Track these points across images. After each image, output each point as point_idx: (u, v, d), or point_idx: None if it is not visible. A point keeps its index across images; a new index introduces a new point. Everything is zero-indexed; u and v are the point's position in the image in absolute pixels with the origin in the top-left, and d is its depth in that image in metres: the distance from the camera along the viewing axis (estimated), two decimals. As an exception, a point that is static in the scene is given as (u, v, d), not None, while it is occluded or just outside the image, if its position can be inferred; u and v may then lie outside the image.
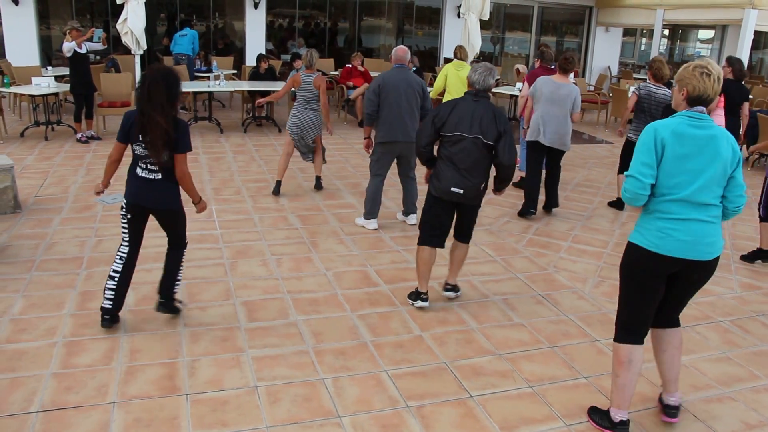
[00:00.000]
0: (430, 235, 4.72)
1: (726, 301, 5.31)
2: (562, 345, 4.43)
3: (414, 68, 11.26)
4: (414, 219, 6.72)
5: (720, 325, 4.86)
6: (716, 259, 3.30)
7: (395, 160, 6.49)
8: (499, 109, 4.62)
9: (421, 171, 5.75)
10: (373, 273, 5.46)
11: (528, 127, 7.30)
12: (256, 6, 15.22)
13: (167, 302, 4.42)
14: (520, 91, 8.48)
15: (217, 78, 11.35)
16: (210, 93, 11.38)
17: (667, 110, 6.26)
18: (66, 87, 10.31)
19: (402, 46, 6.60)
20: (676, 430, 3.55)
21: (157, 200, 4.13)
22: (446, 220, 4.73)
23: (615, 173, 9.27)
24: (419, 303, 4.84)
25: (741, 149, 3.41)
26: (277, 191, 7.56)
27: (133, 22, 10.86)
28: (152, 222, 6.54)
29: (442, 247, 4.80)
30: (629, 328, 3.41)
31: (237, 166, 8.82)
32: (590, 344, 4.45)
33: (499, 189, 4.83)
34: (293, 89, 7.57)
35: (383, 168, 6.46)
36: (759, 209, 6.10)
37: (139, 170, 4.09)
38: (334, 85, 13.04)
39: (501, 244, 6.24)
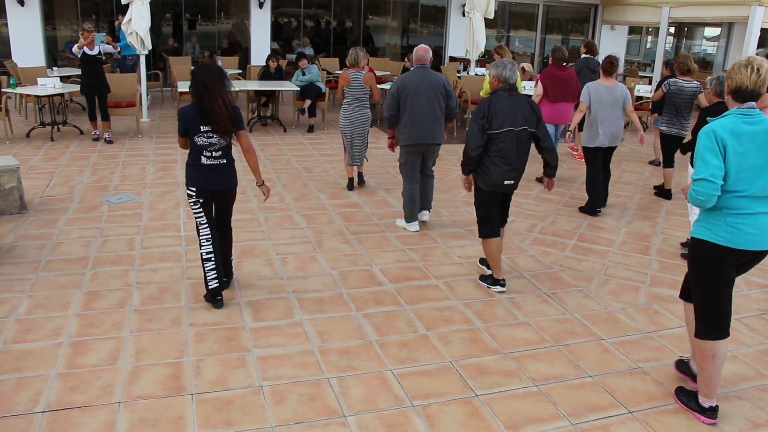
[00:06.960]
0: (492, 228, 5.12)
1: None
2: (568, 344, 4.41)
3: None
4: (426, 215, 6.66)
5: (727, 324, 4.83)
6: None
7: None
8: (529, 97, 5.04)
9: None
10: (378, 272, 5.45)
11: (576, 131, 7.48)
12: (261, 5, 15.24)
13: (229, 280, 5.01)
14: (534, 91, 8.53)
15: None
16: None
17: (706, 111, 5.89)
18: (71, 88, 10.33)
19: (423, 45, 6.39)
20: (683, 429, 3.53)
21: (226, 182, 4.62)
22: (497, 210, 5.16)
23: (620, 171, 9.32)
24: (498, 288, 5.18)
25: None
26: (350, 187, 7.86)
27: (137, 23, 10.87)
28: (156, 221, 6.50)
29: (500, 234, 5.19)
30: (711, 323, 3.48)
31: (242, 166, 8.78)
32: (596, 343, 4.43)
33: (549, 175, 5.15)
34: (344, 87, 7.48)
35: (413, 170, 6.38)
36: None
37: (204, 159, 4.47)
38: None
39: (506, 243, 6.22)
